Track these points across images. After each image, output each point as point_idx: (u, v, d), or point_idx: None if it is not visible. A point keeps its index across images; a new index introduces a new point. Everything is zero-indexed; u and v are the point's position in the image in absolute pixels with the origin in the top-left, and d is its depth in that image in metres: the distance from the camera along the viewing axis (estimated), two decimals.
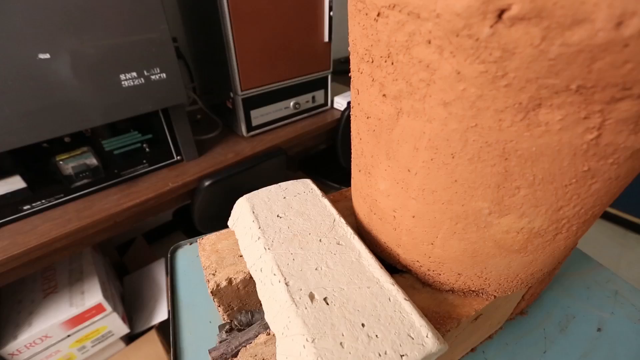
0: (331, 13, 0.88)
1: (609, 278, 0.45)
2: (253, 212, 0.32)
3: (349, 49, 0.24)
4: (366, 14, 0.19)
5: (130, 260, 1.22)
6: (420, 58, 0.16)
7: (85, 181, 0.71)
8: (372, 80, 0.20)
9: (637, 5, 0.12)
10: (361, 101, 0.23)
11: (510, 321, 0.39)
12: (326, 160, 1.30)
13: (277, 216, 0.31)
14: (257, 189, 0.35)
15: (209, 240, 0.35)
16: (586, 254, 0.49)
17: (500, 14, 0.13)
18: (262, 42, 0.81)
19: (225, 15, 0.73)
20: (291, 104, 0.95)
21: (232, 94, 0.85)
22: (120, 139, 0.73)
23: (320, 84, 1.00)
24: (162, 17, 0.64)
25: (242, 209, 0.33)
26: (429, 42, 0.16)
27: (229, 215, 0.36)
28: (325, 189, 1.56)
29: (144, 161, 0.79)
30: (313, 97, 0.99)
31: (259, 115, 0.90)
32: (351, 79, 0.25)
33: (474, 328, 0.30)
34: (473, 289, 0.27)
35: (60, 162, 0.67)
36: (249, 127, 0.90)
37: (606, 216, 1.65)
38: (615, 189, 0.20)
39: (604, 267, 0.47)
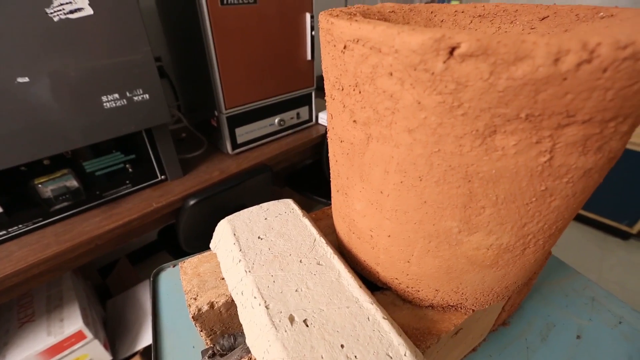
0: (313, 32, 0.90)
1: (586, 285, 0.47)
2: (234, 235, 0.32)
3: (323, 74, 0.25)
4: (334, 46, 0.20)
5: (113, 283, 1.18)
6: (384, 88, 0.17)
7: (65, 204, 0.70)
8: (343, 106, 0.21)
9: (570, 44, 0.13)
10: (335, 125, 0.24)
11: (493, 332, 0.40)
12: (313, 174, 1.31)
13: (258, 238, 0.31)
14: (244, 206, 0.35)
15: (190, 264, 0.35)
16: (563, 262, 0.50)
17: (452, 51, 0.14)
18: (246, 61, 0.83)
19: (208, 35, 0.74)
20: (276, 120, 0.96)
21: (216, 113, 0.86)
22: (102, 160, 0.73)
23: (305, 100, 1.02)
24: (144, 39, 0.64)
25: (224, 231, 0.33)
26: (391, 74, 0.17)
27: None
28: (312, 204, 1.56)
29: (127, 182, 0.78)
30: (297, 114, 1.01)
31: (244, 133, 0.91)
32: (326, 104, 0.26)
33: (455, 342, 0.31)
34: (451, 303, 0.27)
35: (39, 185, 0.65)
36: (234, 145, 0.90)
37: (586, 221, 1.71)
38: (575, 204, 0.21)
39: (581, 275, 0.48)
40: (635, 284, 1.40)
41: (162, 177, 0.83)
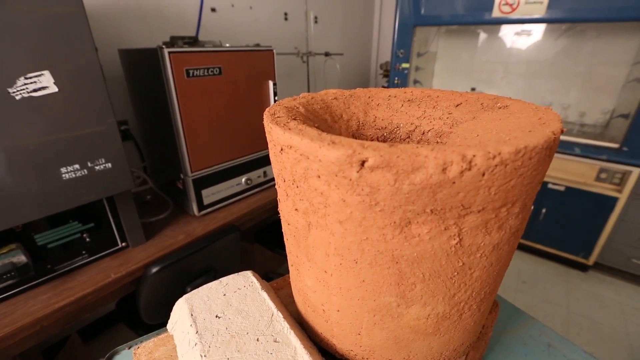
0: (276, 97, 0.97)
1: (542, 331, 0.49)
2: (191, 315, 0.31)
3: (271, 164, 0.28)
4: (274, 146, 0.23)
5: None
6: (315, 187, 0.20)
7: (9, 282, 0.64)
8: (287, 195, 0.24)
9: (453, 156, 0.17)
10: (282, 209, 0.26)
11: None
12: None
13: (216, 317, 0.31)
14: (211, 269, 0.35)
15: (145, 349, 0.33)
16: (519, 309, 0.53)
17: (363, 163, 0.17)
18: (211, 126, 0.86)
19: (174, 104, 0.78)
20: (243, 180, 0.97)
21: (182, 175, 0.86)
22: (57, 231, 0.69)
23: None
24: (109, 111, 0.66)
25: (181, 312, 0.33)
26: (319, 177, 0.19)
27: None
28: (282, 259, 1.53)
29: (83, 252, 0.74)
30: (264, 172, 1.04)
31: (211, 194, 0.91)
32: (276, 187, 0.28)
33: None
34: None
35: None
36: (201, 206, 0.90)
37: (549, 256, 1.79)
38: (495, 271, 0.24)
39: (536, 320, 0.51)
40: (601, 315, 1.45)
41: (123, 244, 0.80)
